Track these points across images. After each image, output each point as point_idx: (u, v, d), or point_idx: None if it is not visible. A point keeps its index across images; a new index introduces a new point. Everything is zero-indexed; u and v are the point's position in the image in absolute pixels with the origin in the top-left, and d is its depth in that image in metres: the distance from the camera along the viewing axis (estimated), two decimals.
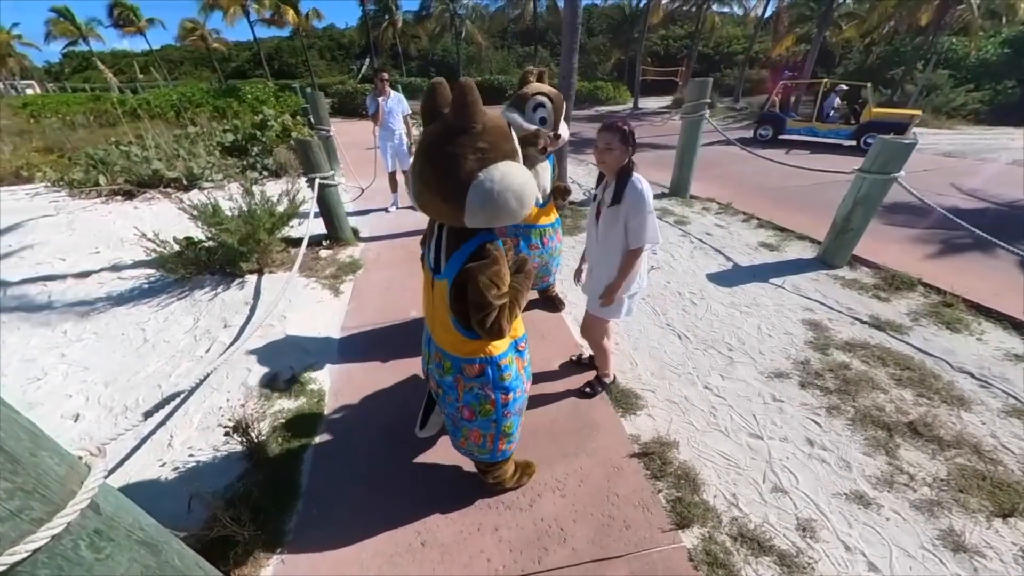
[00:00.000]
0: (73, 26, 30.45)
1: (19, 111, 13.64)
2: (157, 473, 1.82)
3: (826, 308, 2.98)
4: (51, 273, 3.70)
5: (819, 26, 14.21)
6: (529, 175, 1.15)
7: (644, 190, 1.69)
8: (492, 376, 1.35)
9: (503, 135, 1.13)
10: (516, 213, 1.14)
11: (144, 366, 2.52)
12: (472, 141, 1.07)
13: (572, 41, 4.18)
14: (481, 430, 1.45)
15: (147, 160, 6.06)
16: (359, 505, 1.70)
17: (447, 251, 1.22)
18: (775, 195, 5.65)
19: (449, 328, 1.28)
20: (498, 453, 1.53)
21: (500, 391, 1.37)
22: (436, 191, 1.11)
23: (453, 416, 1.47)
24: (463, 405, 1.40)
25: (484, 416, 1.40)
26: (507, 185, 1.09)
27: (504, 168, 1.10)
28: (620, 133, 1.67)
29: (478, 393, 1.37)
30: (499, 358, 1.34)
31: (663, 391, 2.27)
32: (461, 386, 1.37)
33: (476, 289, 1.15)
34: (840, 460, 1.83)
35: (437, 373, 1.42)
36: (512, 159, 1.14)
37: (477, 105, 1.06)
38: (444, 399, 1.45)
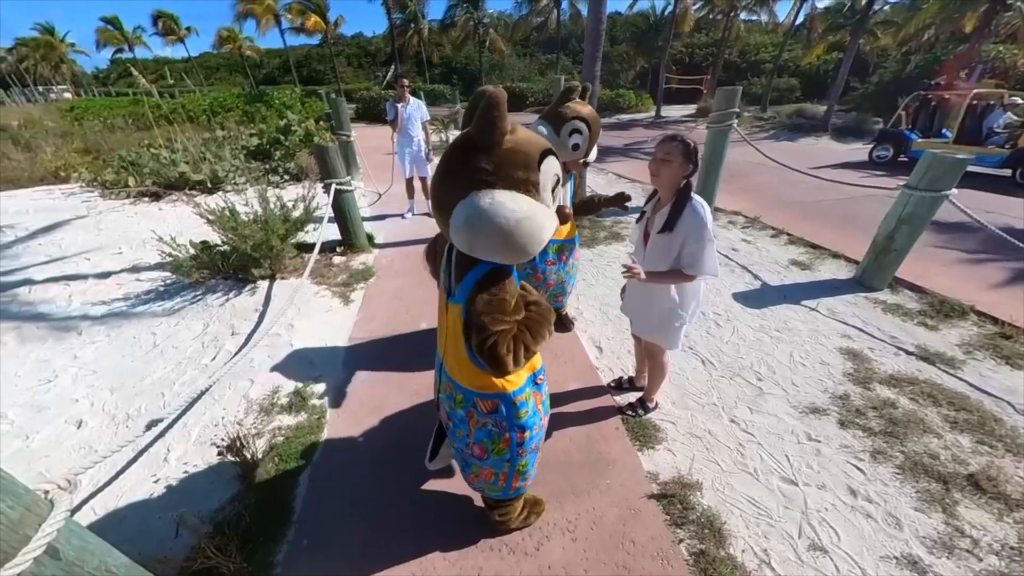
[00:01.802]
0: (120, 34, 32.22)
1: (66, 114, 14.39)
2: (150, 489, 1.76)
3: (866, 336, 2.74)
4: (75, 273, 3.78)
5: (853, 34, 13.70)
6: (532, 217, 0.96)
7: (705, 216, 1.51)
8: (507, 414, 1.22)
9: (520, 163, 0.97)
10: (498, 252, 0.99)
11: (151, 372, 2.49)
12: (479, 159, 0.95)
13: (595, 48, 4.06)
14: (493, 469, 1.33)
15: (174, 163, 6.22)
16: (352, 538, 1.59)
17: (458, 273, 1.12)
18: (806, 209, 5.37)
19: (463, 358, 1.17)
20: (511, 490, 1.41)
21: (516, 429, 1.25)
22: (433, 198, 1.07)
23: (463, 452, 1.35)
24: (474, 442, 1.28)
25: (497, 455, 1.28)
26: (491, 216, 0.93)
27: (499, 198, 0.94)
28: (683, 146, 1.50)
29: (491, 430, 1.25)
30: (514, 394, 1.21)
31: (684, 423, 2.10)
32: (473, 421, 1.25)
33: (474, 310, 1.05)
34: (888, 516, 1.62)
35: (448, 405, 1.31)
36: (519, 190, 0.97)
37: (498, 123, 0.93)
38: (454, 432, 1.34)
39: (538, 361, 1.35)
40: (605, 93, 20.81)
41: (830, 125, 12.30)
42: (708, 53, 26.19)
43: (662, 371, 2.02)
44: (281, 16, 24.44)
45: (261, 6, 23.48)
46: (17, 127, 10.70)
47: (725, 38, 20.67)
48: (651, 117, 18.58)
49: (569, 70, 28.93)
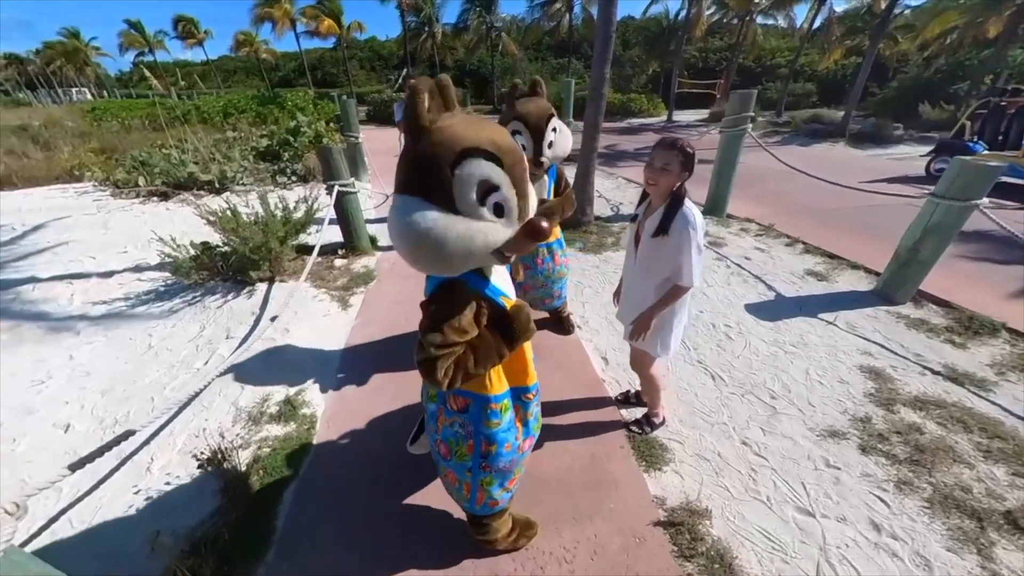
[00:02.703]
0: (143, 37, 33.06)
1: (87, 115, 14.74)
2: (130, 501, 1.69)
3: (889, 353, 2.58)
4: (80, 271, 3.79)
5: (872, 39, 13.38)
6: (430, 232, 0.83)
7: (695, 223, 1.45)
8: (476, 416, 1.15)
9: (423, 165, 0.85)
10: (409, 259, 0.91)
11: (143, 375, 2.44)
12: (406, 156, 0.89)
13: (604, 51, 3.96)
14: (456, 473, 1.26)
15: (183, 163, 6.26)
16: (335, 561, 1.49)
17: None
18: (823, 217, 5.18)
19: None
20: (477, 506, 1.31)
21: (482, 438, 1.17)
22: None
23: (433, 448, 1.32)
24: (441, 440, 1.23)
25: (459, 459, 1.21)
26: (396, 226, 0.88)
27: (404, 204, 0.86)
28: (682, 154, 1.43)
29: (457, 431, 1.19)
30: (492, 399, 1.14)
31: (693, 443, 1.97)
32: (442, 419, 1.21)
33: (420, 322, 1.00)
34: (916, 555, 1.47)
35: (424, 397, 1.30)
36: (423, 197, 0.85)
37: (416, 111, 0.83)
38: (427, 427, 1.32)
39: (531, 376, 1.25)
40: (616, 97, 20.67)
41: (848, 131, 12.00)
42: (722, 58, 25.89)
43: (654, 384, 1.92)
44: (296, 20, 24.82)
45: (278, 10, 23.88)
46: (38, 127, 10.96)
47: (740, 43, 20.39)
48: (663, 121, 18.39)
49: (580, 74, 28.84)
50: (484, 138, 0.86)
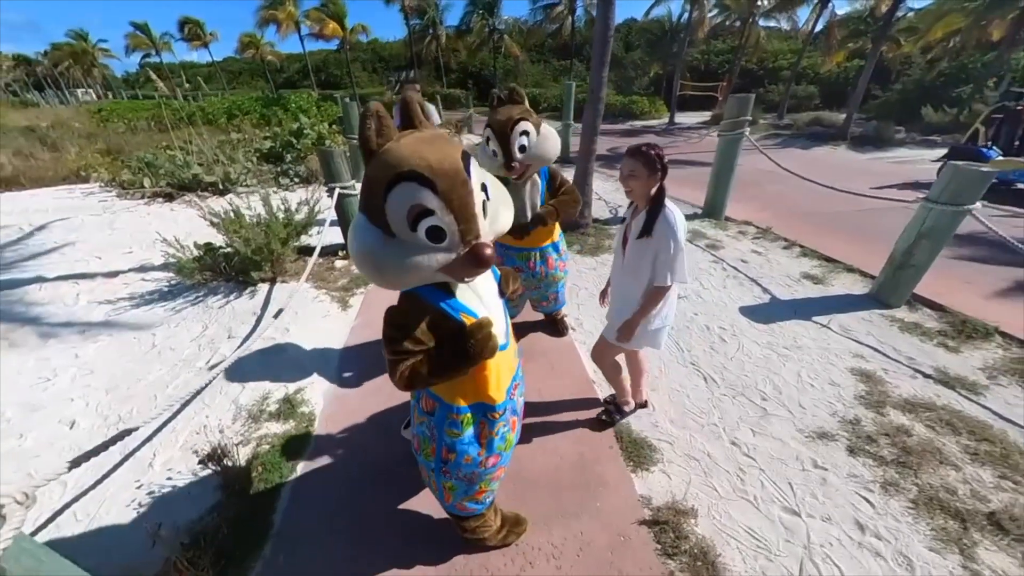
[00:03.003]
0: (149, 39, 33.37)
1: (94, 116, 14.91)
2: (132, 496, 1.74)
3: (881, 356, 2.60)
4: (85, 271, 3.85)
5: (875, 41, 13.37)
6: (370, 254, 0.91)
7: (676, 224, 1.50)
8: (440, 421, 1.19)
9: (368, 189, 0.91)
10: (369, 276, 0.98)
11: (146, 374, 2.50)
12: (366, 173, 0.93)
13: (603, 54, 4.00)
14: (425, 470, 1.31)
15: (188, 165, 6.34)
16: (330, 557, 1.54)
17: None
18: (820, 220, 5.20)
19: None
20: (447, 503, 1.35)
21: (444, 444, 1.20)
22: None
23: (416, 448, 1.32)
24: (415, 434, 1.29)
25: (425, 457, 1.26)
26: (352, 239, 0.94)
27: (356, 221, 0.94)
28: (644, 158, 1.49)
29: (424, 432, 1.24)
30: (454, 409, 1.17)
31: (682, 444, 2.00)
32: (415, 416, 1.28)
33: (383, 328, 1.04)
34: (899, 555, 1.50)
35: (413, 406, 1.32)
36: (369, 218, 0.91)
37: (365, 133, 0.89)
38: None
39: (499, 396, 1.20)
40: (618, 99, 20.72)
41: (849, 133, 12.00)
42: (725, 60, 25.92)
43: (615, 379, 2.01)
44: (301, 22, 25.03)
45: (282, 12, 24.08)
46: (46, 128, 11.10)
47: (742, 45, 20.41)
48: (664, 124, 18.42)
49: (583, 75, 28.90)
50: (421, 161, 0.85)
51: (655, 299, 1.64)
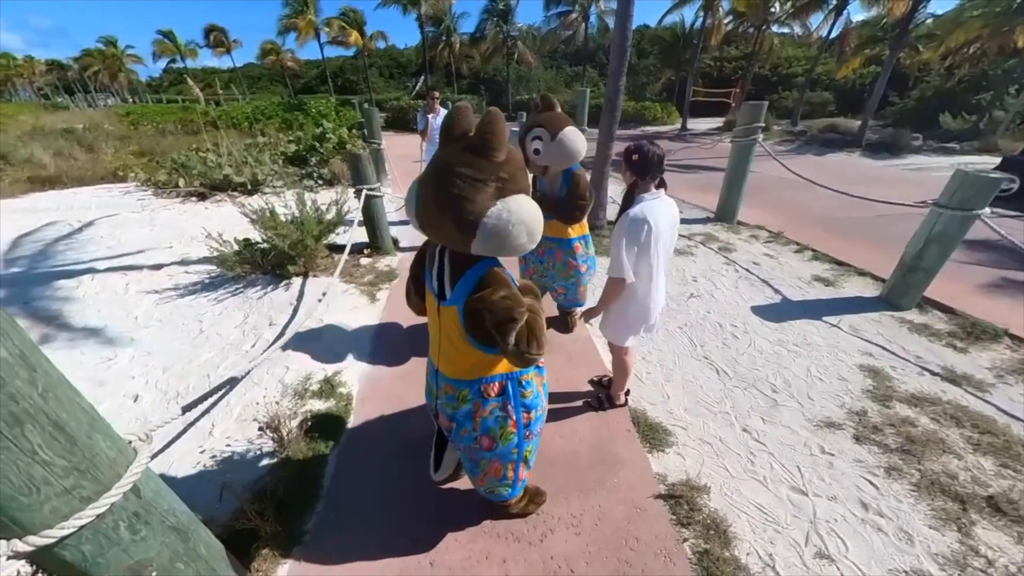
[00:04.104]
0: (174, 46, 34.55)
1: (123, 119, 15.56)
2: (197, 459, 1.93)
3: (889, 354, 2.70)
4: (132, 264, 4.13)
5: (892, 48, 13.31)
6: (539, 210, 1.13)
7: (634, 220, 1.60)
8: (513, 393, 1.29)
9: (522, 168, 1.14)
10: (524, 246, 1.12)
11: (197, 356, 2.72)
12: (494, 170, 1.06)
13: (620, 64, 4.17)
14: (501, 460, 1.37)
15: (219, 166, 6.66)
16: (373, 516, 1.71)
17: (452, 278, 1.20)
18: (833, 226, 5.27)
19: (465, 352, 1.24)
20: (519, 483, 1.48)
21: (522, 409, 1.32)
22: (450, 214, 1.06)
23: (470, 450, 1.38)
24: (481, 434, 1.32)
25: (505, 441, 1.33)
26: (522, 218, 1.07)
27: (521, 201, 1.09)
28: (624, 152, 1.67)
29: (498, 416, 1.30)
30: (520, 373, 1.30)
31: (696, 429, 2.13)
32: (479, 413, 1.30)
33: (499, 310, 1.10)
34: (900, 531, 1.61)
35: (449, 408, 1.35)
36: (527, 193, 1.13)
37: (504, 135, 1.07)
38: (458, 434, 1.37)
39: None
40: (630, 105, 20.84)
41: (864, 140, 11.95)
42: (738, 66, 25.90)
43: (623, 368, 2.09)
44: (320, 30, 25.73)
45: (303, 21, 24.78)
46: (82, 130, 11.65)
47: (756, 52, 20.41)
48: (676, 129, 18.48)
49: (595, 82, 29.11)
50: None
51: (609, 290, 1.75)
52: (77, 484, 0.87)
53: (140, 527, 1.01)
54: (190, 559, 1.16)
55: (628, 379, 2.16)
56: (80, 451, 0.88)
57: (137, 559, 1.01)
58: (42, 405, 0.81)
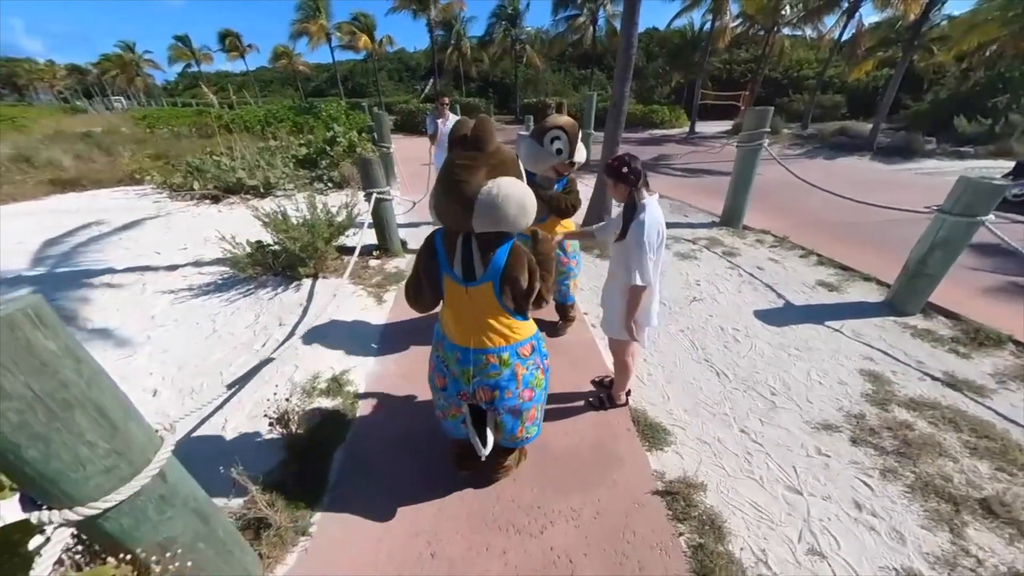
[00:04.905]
0: (189, 51, 35.33)
1: (139, 122, 15.94)
2: (210, 452, 2.02)
3: (890, 359, 2.71)
4: (148, 264, 4.27)
5: (905, 50, 13.17)
6: (529, 191, 1.36)
7: (646, 229, 1.67)
8: (539, 348, 1.60)
9: (511, 162, 1.37)
10: (518, 219, 1.34)
11: (211, 354, 2.82)
12: (486, 159, 1.31)
13: (626, 68, 4.23)
14: (537, 405, 1.66)
15: (233, 169, 6.83)
16: (377, 508, 1.78)
17: (482, 259, 1.39)
18: (839, 231, 5.26)
19: (502, 322, 1.47)
20: (539, 424, 1.73)
21: (544, 359, 1.64)
22: (454, 196, 1.30)
23: (514, 408, 1.58)
24: (523, 389, 1.56)
25: (539, 388, 1.63)
26: (509, 194, 1.29)
27: (509, 180, 1.32)
28: (607, 168, 1.73)
29: (533, 371, 1.58)
30: (537, 334, 1.61)
31: (694, 429, 2.18)
32: (520, 373, 1.54)
33: (530, 275, 1.43)
34: (892, 530, 1.64)
35: (491, 378, 1.51)
36: (519, 177, 1.37)
37: (492, 134, 1.33)
38: (502, 397, 1.54)
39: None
40: (638, 108, 20.83)
41: (875, 144, 11.83)
42: (747, 69, 25.78)
43: (625, 370, 2.15)
44: (331, 34, 26.15)
45: (315, 25, 25.22)
46: (100, 133, 11.99)
47: (766, 54, 20.30)
48: (684, 132, 18.44)
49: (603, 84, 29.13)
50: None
51: (634, 298, 1.81)
52: (115, 465, 0.95)
53: (166, 508, 1.10)
54: (210, 540, 1.24)
55: (629, 380, 2.21)
56: (119, 436, 0.96)
57: (165, 536, 1.09)
58: (87, 392, 0.90)
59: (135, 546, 1.05)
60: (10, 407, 0.81)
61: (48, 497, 0.91)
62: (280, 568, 1.55)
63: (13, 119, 16.45)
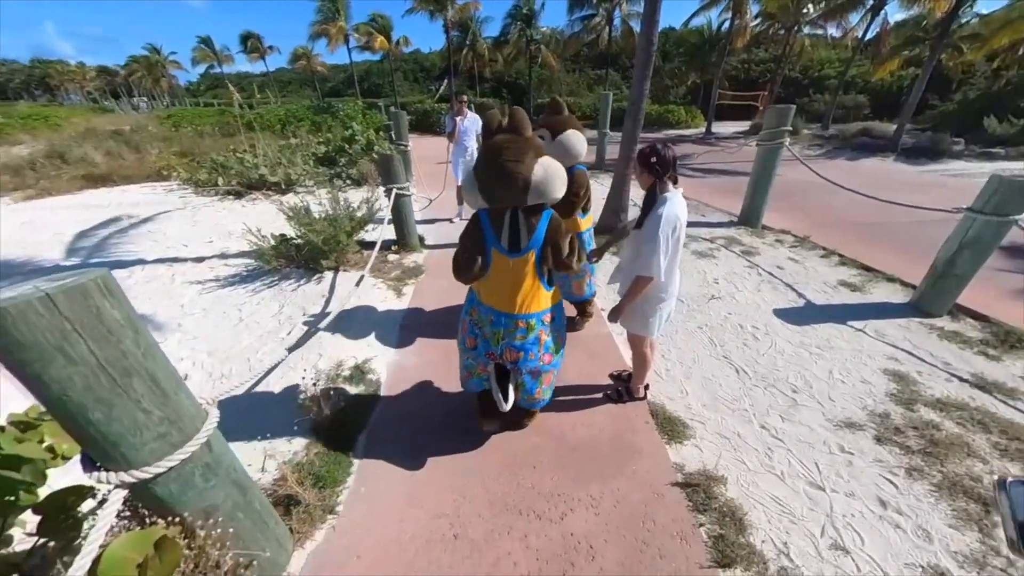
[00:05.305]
0: (212, 52, 36.28)
1: (164, 121, 16.45)
2: (242, 432, 2.09)
3: (916, 359, 2.66)
4: (176, 256, 4.42)
5: (933, 49, 12.79)
6: (560, 165, 1.59)
7: (663, 221, 1.67)
8: (559, 316, 1.86)
9: (540, 143, 1.65)
10: (560, 190, 1.58)
11: (238, 342, 2.91)
12: (527, 142, 1.55)
13: (644, 69, 4.22)
14: (554, 369, 1.88)
15: (255, 166, 7.02)
16: (400, 490, 1.83)
17: (527, 231, 1.62)
18: (863, 231, 5.15)
19: (534, 291, 1.69)
20: (552, 390, 1.96)
21: (565, 326, 1.93)
22: (512, 179, 1.49)
23: (535, 369, 1.79)
24: (544, 352, 1.77)
25: (557, 353, 1.85)
26: (556, 170, 1.56)
27: (549, 160, 1.57)
28: (639, 155, 1.77)
29: (555, 335, 1.81)
30: (560, 305, 1.89)
31: (714, 424, 2.17)
32: (543, 337, 1.76)
33: (569, 240, 1.68)
34: (919, 528, 1.62)
35: (519, 340, 1.73)
36: (551, 157, 1.61)
37: (527, 121, 1.59)
38: (526, 359, 1.75)
39: None
40: (653, 108, 20.64)
41: (900, 145, 11.51)
42: (766, 69, 25.33)
43: (643, 362, 2.16)
44: (349, 36, 26.56)
45: (334, 27, 25.64)
46: (129, 132, 12.41)
47: (786, 54, 19.92)
48: (700, 133, 18.22)
49: (618, 84, 28.97)
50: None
51: (636, 287, 1.82)
52: (168, 432, 1.01)
53: (211, 476, 1.16)
54: (247, 510, 1.30)
55: (647, 373, 2.22)
56: (170, 405, 1.02)
57: (208, 503, 1.15)
58: (144, 362, 0.96)
59: (182, 510, 1.12)
60: (77, 372, 0.87)
61: (108, 459, 0.97)
62: (309, 543, 1.60)
63: (46, 118, 17.16)
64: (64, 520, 1.21)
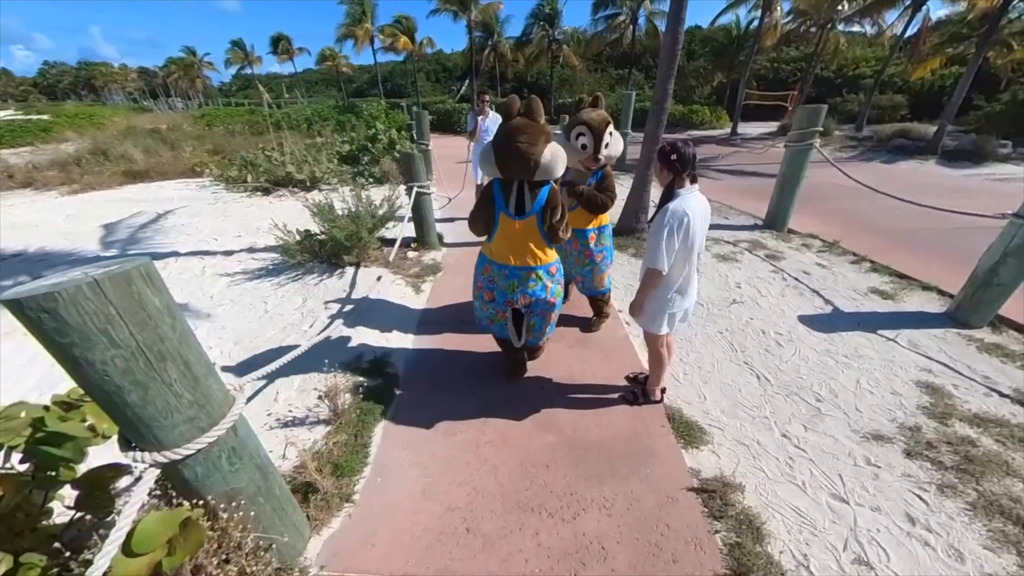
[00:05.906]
0: (244, 54, 37.60)
1: (197, 120, 17.15)
2: (264, 421, 2.17)
3: (952, 372, 2.53)
4: (207, 249, 4.61)
5: (979, 46, 12.11)
6: (562, 149, 1.95)
7: (671, 212, 1.68)
8: (560, 269, 2.20)
9: (550, 131, 1.95)
10: (560, 169, 1.94)
11: (263, 332, 3.02)
12: (541, 128, 1.88)
13: (669, 68, 4.15)
14: (556, 311, 2.26)
15: (283, 164, 7.24)
16: (415, 482, 1.86)
17: (531, 198, 1.97)
18: (896, 237, 4.92)
19: (539, 247, 2.04)
20: (553, 327, 2.37)
21: (565, 277, 2.37)
22: (525, 160, 1.83)
23: (543, 312, 2.21)
24: (551, 297, 2.14)
25: (559, 298, 2.21)
26: (558, 154, 1.91)
27: (555, 146, 1.91)
28: (659, 151, 1.77)
29: (556, 286, 2.17)
30: (558, 259, 2.19)
31: (732, 431, 2.12)
32: (549, 284, 2.11)
33: (562, 206, 2.03)
34: (950, 547, 1.55)
35: (531, 289, 2.08)
36: (556, 143, 1.94)
37: (541, 108, 1.90)
38: (537, 304, 2.14)
39: None
40: (677, 109, 20.26)
41: (940, 147, 10.94)
42: (796, 68, 24.50)
43: (659, 362, 2.14)
44: (375, 37, 27.08)
45: (361, 29, 26.19)
46: (165, 130, 12.99)
47: (818, 52, 19.21)
48: (725, 133, 17.77)
49: (641, 84, 28.56)
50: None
51: (647, 280, 1.82)
52: (197, 416, 1.06)
53: (236, 460, 1.21)
54: (268, 496, 1.34)
55: (664, 374, 2.19)
56: (200, 389, 1.07)
57: (232, 487, 1.20)
58: (179, 348, 1.01)
59: (206, 493, 1.17)
60: (118, 354, 0.92)
61: (142, 439, 1.03)
62: (326, 531, 1.65)
63: (91, 116, 18.15)
64: (101, 496, 1.29)
